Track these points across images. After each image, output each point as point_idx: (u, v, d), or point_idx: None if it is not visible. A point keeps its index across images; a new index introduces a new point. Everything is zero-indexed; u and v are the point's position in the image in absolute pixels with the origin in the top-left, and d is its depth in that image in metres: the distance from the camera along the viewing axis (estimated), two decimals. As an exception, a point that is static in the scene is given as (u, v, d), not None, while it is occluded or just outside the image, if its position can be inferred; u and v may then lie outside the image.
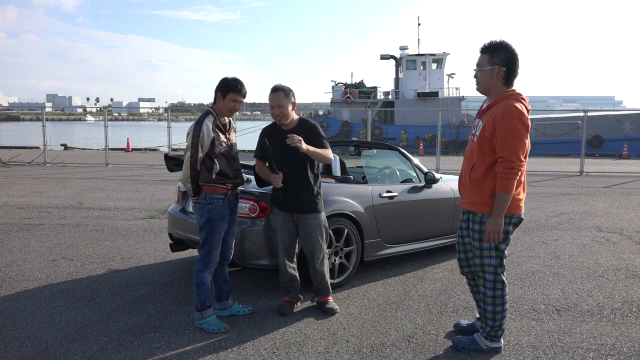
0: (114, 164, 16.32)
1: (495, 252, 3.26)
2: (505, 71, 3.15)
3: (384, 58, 33.49)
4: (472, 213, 3.30)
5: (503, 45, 3.16)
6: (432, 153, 21.18)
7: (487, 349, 3.39)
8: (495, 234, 3.16)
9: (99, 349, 3.41)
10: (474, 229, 3.29)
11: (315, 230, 4.01)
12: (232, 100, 3.69)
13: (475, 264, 3.37)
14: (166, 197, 9.80)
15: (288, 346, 3.50)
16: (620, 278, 5.03)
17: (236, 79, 3.73)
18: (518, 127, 3.03)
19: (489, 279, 3.31)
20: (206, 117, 3.67)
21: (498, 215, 3.13)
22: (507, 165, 3.05)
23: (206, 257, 3.75)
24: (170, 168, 4.43)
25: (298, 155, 3.91)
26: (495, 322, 3.34)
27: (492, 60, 3.16)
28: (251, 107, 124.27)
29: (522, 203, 3.25)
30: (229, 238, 3.93)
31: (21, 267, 5.27)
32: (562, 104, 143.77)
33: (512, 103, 3.08)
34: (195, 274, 3.76)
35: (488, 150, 3.15)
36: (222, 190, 3.72)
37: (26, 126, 32.26)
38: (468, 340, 3.46)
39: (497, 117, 3.08)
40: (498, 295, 3.30)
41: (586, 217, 8.20)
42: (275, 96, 3.91)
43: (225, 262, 3.99)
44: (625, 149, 21.88)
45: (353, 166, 6.08)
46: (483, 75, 3.21)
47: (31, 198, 9.60)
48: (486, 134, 3.14)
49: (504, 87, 3.20)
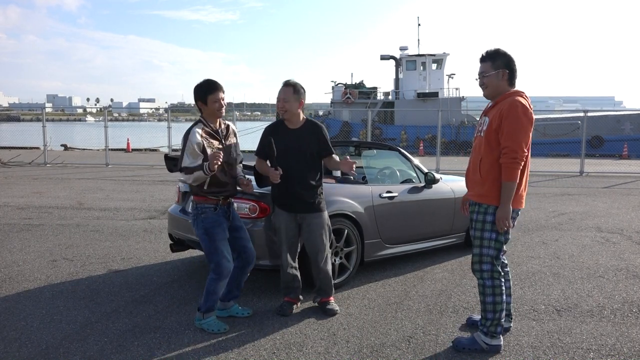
0: (114, 165, 16.32)
1: (494, 244, 3.39)
2: (508, 73, 3.39)
3: (384, 58, 33.48)
4: (478, 204, 3.42)
5: (500, 51, 3.42)
6: (432, 153, 21.16)
7: (487, 348, 3.40)
8: (504, 221, 3.30)
9: (99, 350, 3.41)
10: (478, 219, 3.41)
11: (319, 230, 4.01)
12: (213, 101, 3.65)
13: (474, 254, 3.46)
14: (166, 198, 9.80)
15: (288, 347, 3.50)
16: (620, 278, 5.03)
17: (207, 80, 3.70)
18: (523, 120, 3.24)
19: (486, 269, 3.41)
20: (194, 126, 3.67)
21: (505, 203, 3.29)
22: (511, 155, 3.22)
23: (217, 268, 3.69)
24: (170, 168, 4.42)
25: (301, 154, 3.93)
26: (495, 314, 3.40)
27: (495, 65, 3.40)
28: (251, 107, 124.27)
29: (523, 199, 3.44)
30: (246, 243, 3.91)
31: (21, 267, 5.27)
32: (562, 104, 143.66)
33: (517, 99, 3.31)
34: (209, 282, 3.71)
35: (494, 142, 3.34)
36: (212, 201, 3.71)
37: (26, 126, 32.29)
38: (468, 340, 3.48)
39: (503, 111, 3.29)
40: (497, 285, 3.40)
41: (586, 218, 8.20)
42: (283, 90, 3.97)
43: (248, 267, 3.95)
44: (625, 149, 21.88)
45: (353, 166, 6.06)
46: (490, 80, 3.43)
47: (31, 198, 9.60)
48: (493, 126, 3.34)
49: (509, 87, 3.43)
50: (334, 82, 33.75)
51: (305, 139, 3.98)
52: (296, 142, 3.96)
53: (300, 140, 3.97)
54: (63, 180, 12.58)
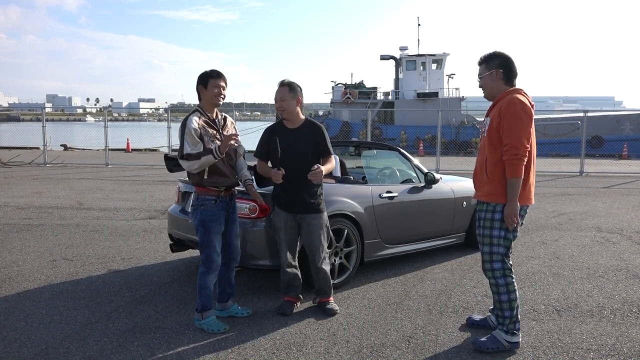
0: (114, 165, 16.32)
1: (504, 241, 3.41)
2: (502, 72, 3.43)
3: (384, 58, 33.48)
4: (486, 203, 3.44)
5: (496, 53, 3.48)
6: (432, 153, 21.16)
7: (509, 346, 3.41)
8: (512, 218, 3.31)
9: (98, 350, 3.41)
10: (486, 218, 3.43)
11: (317, 230, 4.01)
12: (214, 86, 3.71)
13: (484, 252, 3.47)
14: (166, 198, 9.80)
15: (288, 347, 3.50)
16: (620, 278, 5.03)
17: (213, 69, 3.79)
18: (521, 116, 3.28)
19: (497, 267, 3.42)
20: (191, 114, 3.71)
21: (512, 200, 3.31)
22: (513, 152, 3.25)
23: (207, 260, 3.73)
24: (170, 168, 4.42)
25: (301, 155, 3.93)
26: (512, 312, 3.41)
27: (489, 66, 3.47)
28: (251, 107, 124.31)
29: (531, 195, 3.45)
30: (233, 239, 3.91)
31: (21, 267, 5.27)
32: (562, 105, 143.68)
33: (515, 96, 3.35)
34: (199, 276, 3.75)
35: (497, 141, 3.37)
36: (214, 192, 3.72)
37: (26, 126, 32.26)
38: (489, 339, 3.44)
39: (502, 109, 3.33)
40: (510, 282, 3.42)
41: (586, 218, 8.20)
42: (279, 90, 3.99)
43: (233, 264, 3.96)
44: (625, 149, 21.89)
45: (353, 166, 6.07)
46: (485, 81, 3.49)
47: (31, 198, 9.60)
48: (494, 125, 3.37)
49: (506, 87, 3.46)
50: (333, 82, 33.76)
51: (305, 139, 3.98)
52: (296, 143, 3.96)
53: (299, 141, 3.97)
54: (63, 180, 12.58)
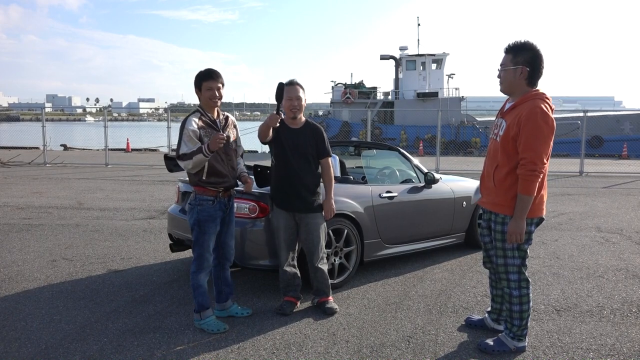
0: (113, 164, 16.31)
1: (518, 253, 3.28)
2: (528, 71, 3.13)
3: (383, 58, 33.46)
4: (494, 214, 3.29)
5: (527, 45, 3.14)
6: (431, 153, 21.15)
7: (515, 349, 3.38)
8: (517, 236, 3.15)
9: (98, 350, 3.41)
10: (497, 230, 3.29)
11: (316, 230, 4.02)
12: (207, 89, 3.67)
13: (498, 264, 3.36)
14: (166, 198, 9.80)
15: (288, 346, 3.50)
16: (620, 278, 5.03)
17: (207, 69, 3.73)
18: (543, 128, 3.02)
19: (513, 278, 3.30)
20: (191, 115, 3.70)
21: (520, 217, 3.12)
22: (530, 167, 3.04)
23: (199, 259, 3.73)
24: (170, 168, 4.42)
25: (301, 155, 3.95)
26: (522, 322, 3.34)
27: (515, 60, 3.15)
28: (251, 107, 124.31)
29: (543, 205, 3.26)
30: (228, 239, 3.91)
31: (21, 267, 5.27)
32: (562, 104, 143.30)
33: (537, 104, 3.07)
34: (191, 276, 3.75)
35: (512, 150, 3.14)
36: (212, 192, 3.70)
37: (26, 126, 32.23)
38: (495, 342, 3.41)
39: (522, 117, 3.06)
40: (524, 294, 3.31)
41: (586, 218, 8.20)
42: (294, 89, 4.00)
43: (227, 264, 3.96)
44: (625, 149, 21.89)
45: (353, 166, 6.07)
46: (506, 75, 3.19)
47: (31, 198, 9.59)
48: (510, 133, 3.12)
49: (527, 87, 3.18)
50: (333, 82, 33.74)
51: (305, 140, 4.00)
52: (296, 142, 3.98)
53: (300, 141, 3.99)
54: (63, 180, 12.58)
